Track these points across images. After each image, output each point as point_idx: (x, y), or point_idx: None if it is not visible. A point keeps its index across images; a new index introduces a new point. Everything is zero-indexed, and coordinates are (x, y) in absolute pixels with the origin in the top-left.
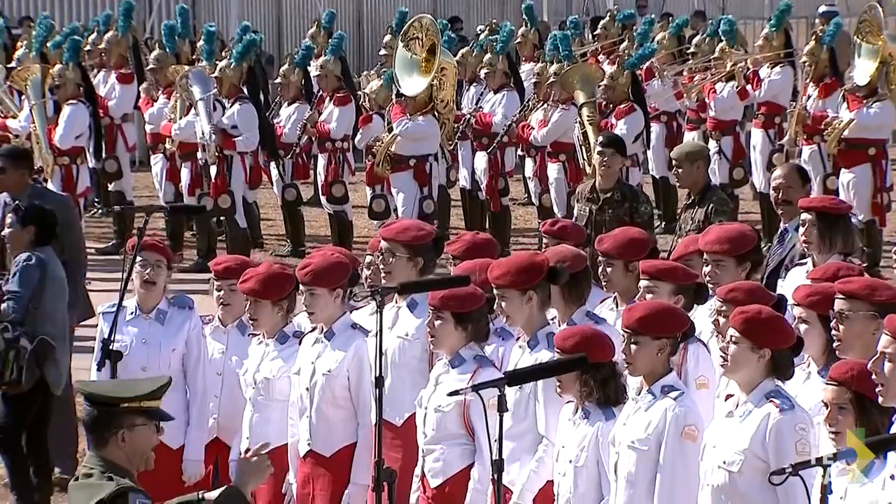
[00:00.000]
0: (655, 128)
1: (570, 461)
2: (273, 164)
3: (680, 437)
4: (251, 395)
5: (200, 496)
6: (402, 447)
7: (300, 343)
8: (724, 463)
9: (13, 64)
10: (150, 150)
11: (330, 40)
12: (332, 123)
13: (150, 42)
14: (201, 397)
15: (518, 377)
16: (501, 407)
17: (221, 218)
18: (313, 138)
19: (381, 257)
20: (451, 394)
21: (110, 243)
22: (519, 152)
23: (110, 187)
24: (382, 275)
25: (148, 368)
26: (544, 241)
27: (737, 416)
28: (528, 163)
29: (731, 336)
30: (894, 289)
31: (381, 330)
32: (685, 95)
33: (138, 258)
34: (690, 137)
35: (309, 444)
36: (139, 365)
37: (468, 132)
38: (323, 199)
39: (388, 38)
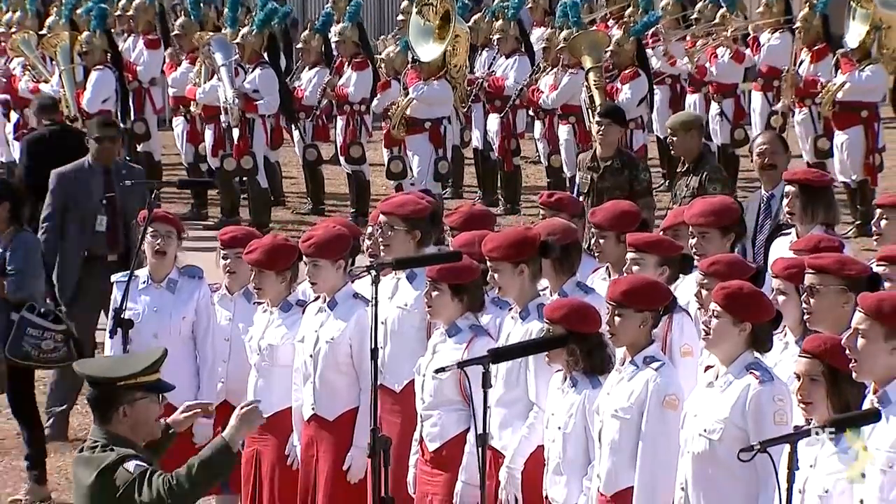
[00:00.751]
0: (659, 90)
1: (559, 427)
2: (294, 126)
3: (661, 406)
4: (256, 361)
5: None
6: (401, 412)
7: (303, 311)
8: (705, 431)
9: (44, 31)
10: (173, 112)
11: (347, 7)
12: (350, 87)
13: (176, 9)
14: (210, 363)
15: (502, 354)
16: (486, 383)
17: (244, 178)
18: (333, 101)
19: (380, 230)
20: (438, 370)
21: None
22: (530, 113)
23: (139, 148)
24: (381, 247)
25: (159, 335)
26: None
27: (717, 387)
28: (538, 125)
29: (714, 310)
30: (863, 264)
31: (376, 303)
32: (689, 59)
33: (149, 229)
34: (693, 100)
35: (313, 409)
36: (151, 332)
37: (481, 95)
38: (341, 159)
39: (405, 3)
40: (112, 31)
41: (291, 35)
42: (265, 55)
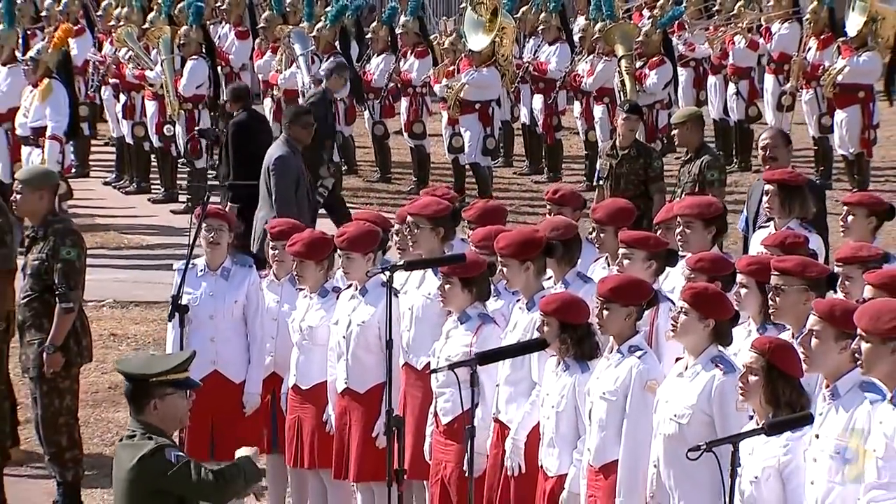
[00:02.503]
0: (684, 72)
1: (553, 406)
2: (363, 106)
3: (643, 390)
4: (297, 340)
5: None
6: (422, 388)
7: (338, 297)
8: (675, 416)
9: (146, 25)
10: (262, 94)
11: (410, 3)
12: (412, 73)
13: (263, 4)
14: (259, 341)
15: (488, 357)
16: (473, 381)
17: None
18: (398, 84)
19: (408, 229)
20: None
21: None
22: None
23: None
24: (410, 244)
25: (215, 317)
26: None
27: (686, 377)
28: (577, 105)
29: (682, 307)
30: (822, 266)
31: (390, 301)
32: (710, 45)
33: (204, 224)
34: (713, 81)
35: (346, 383)
36: (207, 314)
37: (527, 77)
38: (405, 135)
39: None
40: (207, 24)
41: (365, 23)
42: (337, 46)
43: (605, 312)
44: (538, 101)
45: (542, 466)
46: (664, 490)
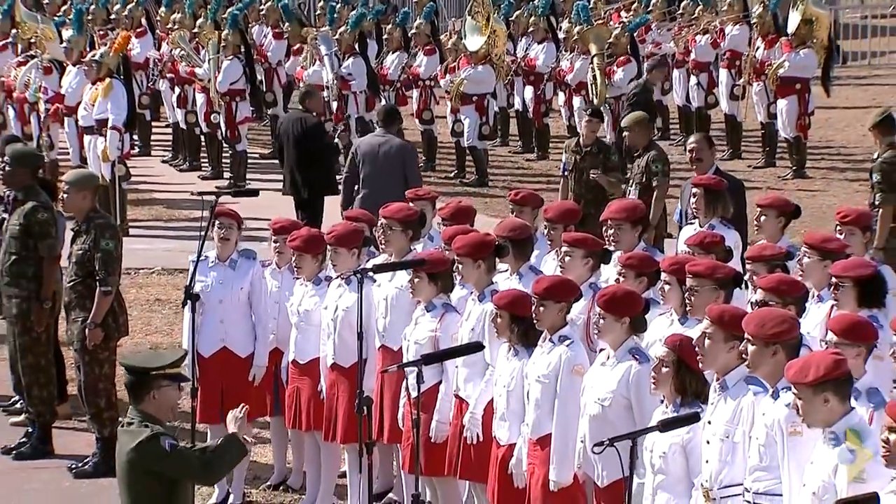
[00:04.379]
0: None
1: (504, 386)
2: (378, 97)
3: (570, 374)
4: (295, 321)
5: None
6: None
7: (328, 286)
8: (599, 399)
9: (196, 29)
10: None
11: (424, 8)
12: (422, 68)
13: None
14: (264, 321)
15: (432, 358)
16: (419, 380)
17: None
18: (409, 77)
19: (381, 231)
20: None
21: (270, 151)
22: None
23: (269, 112)
24: (382, 243)
25: (223, 301)
26: (509, 207)
27: (608, 366)
28: (561, 95)
29: (599, 312)
30: (729, 268)
31: (360, 300)
32: (675, 43)
33: (216, 221)
34: (677, 73)
35: (333, 359)
36: (217, 299)
37: (520, 71)
38: (416, 121)
39: None
40: (243, 27)
41: (384, 23)
42: (356, 47)
43: (541, 309)
44: (529, 91)
45: (495, 437)
46: (590, 462)
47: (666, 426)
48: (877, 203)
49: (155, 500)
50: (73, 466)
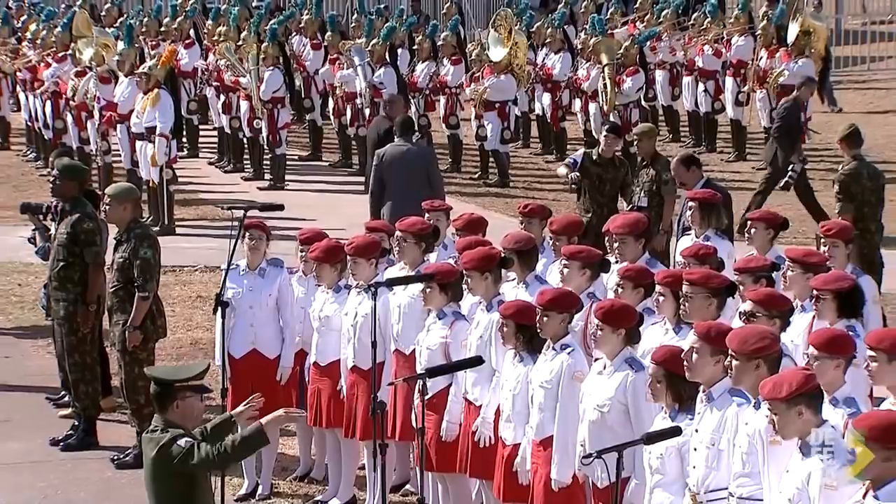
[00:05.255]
0: (662, 74)
1: (510, 390)
2: (408, 103)
3: (571, 379)
4: (317, 326)
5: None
6: (409, 369)
7: (349, 293)
8: (597, 406)
9: (240, 42)
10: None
11: (449, 22)
12: (448, 76)
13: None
14: (291, 325)
15: (435, 371)
16: (423, 391)
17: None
18: (437, 85)
19: (397, 242)
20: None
21: (308, 153)
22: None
23: (308, 116)
24: (396, 254)
25: (253, 307)
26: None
27: (605, 375)
28: (577, 102)
29: (597, 324)
30: (722, 277)
31: (374, 311)
32: (684, 53)
33: (246, 233)
34: (686, 81)
35: (354, 362)
36: (247, 305)
37: (538, 79)
38: (443, 126)
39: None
40: (287, 37)
41: (417, 33)
42: (388, 58)
43: (545, 319)
44: (547, 98)
45: (501, 437)
46: (590, 464)
47: (650, 440)
48: (837, 212)
49: (178, 498)
50: (116, 458)
